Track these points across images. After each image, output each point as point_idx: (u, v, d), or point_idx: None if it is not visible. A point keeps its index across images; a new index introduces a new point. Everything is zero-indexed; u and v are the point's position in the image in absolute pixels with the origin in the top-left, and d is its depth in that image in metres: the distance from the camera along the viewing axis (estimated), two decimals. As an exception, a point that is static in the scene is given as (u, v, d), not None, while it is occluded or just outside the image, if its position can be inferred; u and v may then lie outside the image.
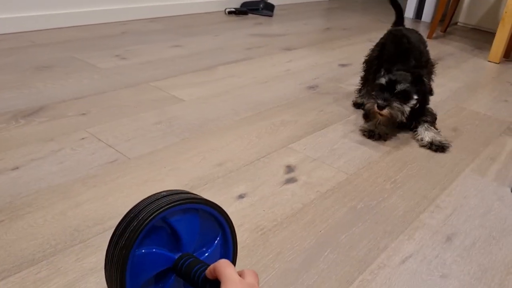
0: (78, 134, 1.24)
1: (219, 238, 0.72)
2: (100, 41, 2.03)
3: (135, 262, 0.62)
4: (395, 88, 1.32)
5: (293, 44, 2.36)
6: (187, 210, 0.68)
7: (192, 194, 0.69)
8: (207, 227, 0.71)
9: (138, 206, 0.65)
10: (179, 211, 0.66)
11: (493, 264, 0.93)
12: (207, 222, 0.70)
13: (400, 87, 1.32)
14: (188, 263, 0.65)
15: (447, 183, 1.20)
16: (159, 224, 0.64)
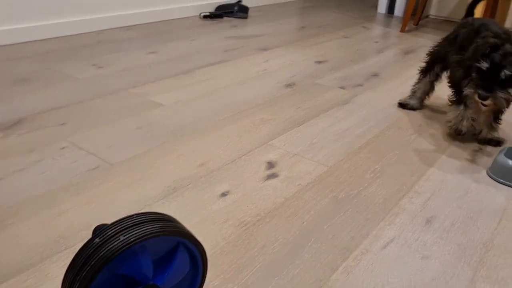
0: (59, 143, 1.24)
1: (189, 268, 0.70)
2: (76, 52, 2.03)
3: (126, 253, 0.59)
4: (499, 74, 1.17)
5: (269, 44, 2.38)
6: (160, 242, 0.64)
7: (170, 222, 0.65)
8: (179, 260, 0.67)
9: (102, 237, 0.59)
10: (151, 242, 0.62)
11: (472, 243, 0.96)
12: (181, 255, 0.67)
13: (505, 73, 1.17)
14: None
15: (424, 169, 1.24)
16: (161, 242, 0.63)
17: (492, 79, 1.20)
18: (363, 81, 1.90)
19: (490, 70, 1.20)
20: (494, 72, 1.19)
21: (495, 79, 1.19)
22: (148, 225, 0.61)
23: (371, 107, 1.63)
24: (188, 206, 1.01)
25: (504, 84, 1.19)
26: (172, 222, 0.66)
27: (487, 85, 1.20)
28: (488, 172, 1.24)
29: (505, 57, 1.18)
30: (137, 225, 0.61)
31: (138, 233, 0.60)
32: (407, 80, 1.96)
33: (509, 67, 1.17)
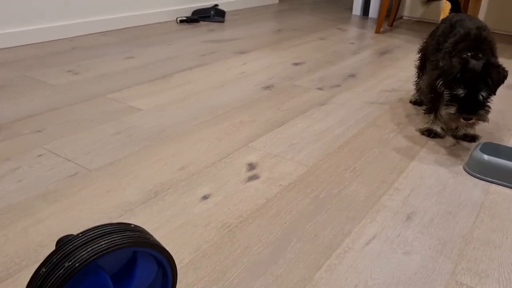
0: (35, 151, 1.22)
1: (155, 275, 0.68)
2: (51, 58, 2.00)
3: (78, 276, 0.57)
4: (477, 98, 1.24)
5: (246, 47, 2.39)
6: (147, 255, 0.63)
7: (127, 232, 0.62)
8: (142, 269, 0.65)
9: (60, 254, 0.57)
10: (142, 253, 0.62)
11: (452, 237, 0.97)
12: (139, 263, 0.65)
13: (483, 95, 1.24)
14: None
15: (403, 166, 1.25)
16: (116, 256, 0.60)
17: (471, 100, 1.24)
18: (340, 82, 1.92)
19: (468, 95, 1.24)
20: (471, 95, 1.24)
21: (474, 101, 1.24)
22: (97, 242, 0.58)
23: (349, 107, 1.65)
24: (170, 210, 1.01)
25: (483, 103, 1.25)
26: (128, 232, 0.62)
27: (468, 107, 1.24)
28: (464, 167, 1.26)
29: (476, 80, 1.23)
30: (86, 244, 0.58)
31: (84, 255, 0.57)
32: (383, 80, 1.98)
33: (485, 90, 1.23)
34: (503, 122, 1.60)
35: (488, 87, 1.23)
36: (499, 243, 0.97)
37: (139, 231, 0.64)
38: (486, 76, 1.23)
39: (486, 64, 1.23)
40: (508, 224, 1.03)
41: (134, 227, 0.64)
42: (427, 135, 1.46)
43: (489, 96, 1.25)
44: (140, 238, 0.62)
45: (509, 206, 1.10)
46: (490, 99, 1.26)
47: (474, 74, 1.23)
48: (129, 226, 0.63)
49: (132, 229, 0.63)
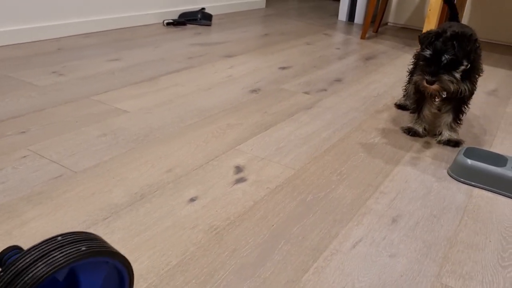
0: (19, 152, 1.20)
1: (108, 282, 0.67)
2: (35, 59, 1.98)
3: None
4: (441, 60, 1.27)
5: (233, 51, 2.39)
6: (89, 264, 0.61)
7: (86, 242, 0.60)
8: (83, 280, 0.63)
9: None
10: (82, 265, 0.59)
11: (437, 240, 0.99)
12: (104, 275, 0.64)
13: (446, 57, 1.26)
14: None
15: (389, 170, 1.27)
16: None
17: (437, 64, 1.29)
18: (326, 86, 1.94)
19: (433, 57, 1.29)
20: (437, 58, 1.28)
21: (439, 64, 1.28)
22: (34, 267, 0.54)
23: (336, 111, 1.66)
24: (157, 212, 1.00)
25: (448, 67, 1.28)
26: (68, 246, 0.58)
27: (432, 70, 1.28)
28: (448, 171, 1.28)
29: (445, 43, 1.27)
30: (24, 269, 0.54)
31: None
32: (369, 85, 2.00)
33: (449, 51, 1.26)
34: (486, 127, 1.63)
35: (454, 51, 1.26)
36: (483, 246, 0.98)
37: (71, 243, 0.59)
38: (453, 39, 1.27)
39: (456, 31, 1.28)
40: (490, 227, 1.05)
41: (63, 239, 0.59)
42: (407, 133, 1.50)
43: (455, 63, 1.28)
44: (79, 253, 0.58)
45: (492, 210, 1.12)
46: (458, 70, 1.29)
47: (443, 39, 1.27)
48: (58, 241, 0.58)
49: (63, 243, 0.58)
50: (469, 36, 1.29)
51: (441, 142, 1.46)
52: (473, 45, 1.29)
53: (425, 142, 1.46)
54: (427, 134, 1.50)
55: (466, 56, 1.29)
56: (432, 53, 1.29)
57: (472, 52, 1.30)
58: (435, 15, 2.33)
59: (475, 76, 1.38)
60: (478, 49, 1.36)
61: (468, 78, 1.35)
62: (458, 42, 1.27)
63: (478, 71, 1.40)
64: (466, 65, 1.30)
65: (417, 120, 1.49)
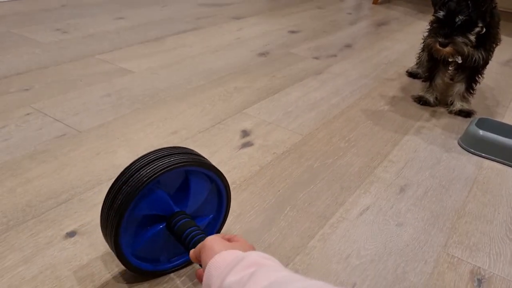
0: (23, 110, 1.18)
1: (216, 206, 0.78)
2: (39, 15, 1.93)
3: (141, 195, 0.65)
4: (455, 21, 1.21)
5: (242, 12, 2.33)
6: (199, 173, 0.71)
7: (203, 158, 0.73)
8: (209, 194, 0.75)
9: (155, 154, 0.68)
10: (194, 171, 0.70)
11: (444, 211, 0.97)
12: (209, 189, 0.75)
13: (460, 18, 1.21)
14: (183, 222, 0.68)
15: (398, 139, 1.24)
16: (173, 175, 0.69)
17: (450, 26, 1.23)
18: (336, 52, 1.89)
19: (446, 18, 1.23)
20: (450, 19, 1.22)
21: (453, 26, 1.23)
22: (158, 163, 0.67)
23: (345, 78, 1.62)
24: (161, 174, 0.98)
25: (462, 29, 1.23)
26: (182, 155, 0.70)
27: (445, 32, 1.23)
28: (459, 141, 1.26)
29: (459, 3, 1.21)
30: (151, 163, 0.67)
31: (148, 173, 0.65)
32: (380, 51, 1.95)
33: (463, 12, 1.20)
34: (499, 98, 1.59)
35: (468, 11, 1.21)
36: (491, 218, 0.97)
37: (194, 154, 0.73)
38: (468, 0, 1.21)
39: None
40: (499, 199, 1.03)
41: (188, 150, 0.73)
42: (418, 101, 1.47)
43: (470, 24, 1.22)
44: (193, 159, 0.70)
45: (502, 182, 1.10)
46: (473, 32, 1.23)
47: (458, 0, 1.21)
48: (185, 149, 0.72)
49: (187, 151, 0.72)
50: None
51: (452, 112, 1.42)
52: (489, 6, 1.23)
53: (436, 112, 1.43)
54: (438, 103, 1.46)
55: (480, 17, 1.22)
56: (446, 14, 1.23)
57: (488, 14, 1.24)
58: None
59: (491, 44, 1.33)
60: (496, 14, 1.31)
61: (483, 46, 1.30)
62: (472, 2, 1.21)
63: (495, 40, 1.35)
64: (481, 27, 1.24)
65: (429, 88, 1.45)
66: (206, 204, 0.76)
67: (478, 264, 0.84)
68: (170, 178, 0.70)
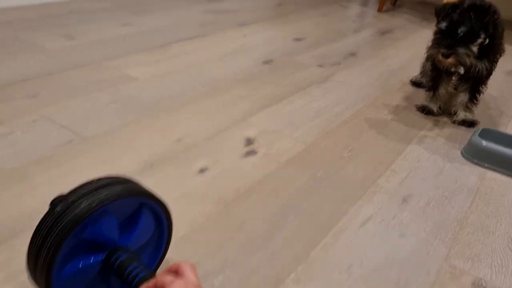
0: (29, 116, 1.19)
1: (154, 231, 0.71)
2: (46, 21, 1.95)
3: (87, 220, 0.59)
4: (457, 32, 1.23)
5: (246, 20, 2.34)
6: (124, 204, 0.65)
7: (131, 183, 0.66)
8: (144, 220, 0.68)
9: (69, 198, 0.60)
10: (115, 204, 0.63)
11: (447, 221, 0.98)
12: (145, 215, 0.68)
13: (462, 29, 1.22)
14: (122, 259, 0.62)
15: (401, 149, 1.25)
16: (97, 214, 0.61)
17: (452, 37, 1.24)
18: (340, 60, 1.90)
19: (449, 29, 1.25)
20: (453, 31, 1.24)
21: (455, 37, 1.24)
22: (108, 188, 0.62)
23: (349, 86, 1.63)
24: (166, 181, 0.99)
25: (464, 40, 1.24)
26: (133, 183, 0.66)
27: (448, 43, 1.25)
28: (462, 152, 1.26)
29: (461, 15, 1.22)
30: (97, 189, 0.61)
31: (100, 197, 0.60)
32: (384, 60, 1.96)
33: (466, 23, 1.21)
34: (503, 108, 1.60)
35: (470, 23, 1.22)
36: (493, 229, 0.97)
37: (143, 187, 0.68)
38: (470, 11, 1.22)
39: (474, 2, 1.23)
40: (502, 211, 1.04)
41: (138, 182, 0.68)
42: (421, 111, 1.47)
43: (472, 35, 1.23)
44: (147, 191, 0.66)
45: (504, 193, 1.11)
46: (475, 42, 1.24)
47: (460, 10, 1.23)
48: (135, 181, 0.68)
49: (138, 183, 0.67)
50: (487, 8, 1.24)
51: (456, 122, 1.43)
52: (492, 17, 1.23)
53: (439, 121, 1.44)
54: (441, 113, 1.47)
55: (483, 28, 1.23)
56: (448, 25, 1.24)
57: (490, 25, 1.24)
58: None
59: (494, 54, 1.34)
60: (499, 24, 1.31)
61: (486, 57, 1.31)
62: (475, 13, 1.22)
63: (499, 50, 1.35)
64: (483, 38, 1.25)
65: (432, 98, 1.46)
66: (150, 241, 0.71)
67: (480, 276, 0.84)
68: (122, 207, 0.65)
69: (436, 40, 1.30)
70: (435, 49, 1.28)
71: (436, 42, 1.29)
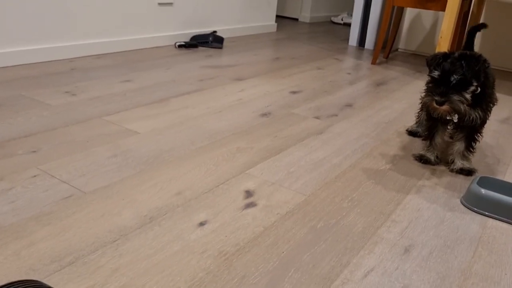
0: (30, 171, 1.20)
1: None
2: (49, 78, 2.00)
3: None
4: (450, 80, 1.27)
5: (244, 74, 2.40)
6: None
7: None
8: None
9: None
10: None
11: (450, 272, 0.96)
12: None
13: (455, 77, 1.26)
14: None
15: (401, 198, 1.25)
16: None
17: (446, 85, 1.28)
18: (337, 111, 1.93)
19: (442, 77, 1.29)
20: (446, 79, 1.28)
21: (448, 85, 1.28)
22: None
23: (346, 137, 1.65)
24: (166, 236, 0.99)
25: (457, 88, 1.28)
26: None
27: (441, 91, 1.28)
28: (462, 200, 1.26)
29: (453, 64, 1.27)
30: None
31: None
32: (380, 111, 2.00)
33: (458, 71, 1.26)
34: (500, 156, 1.61)
35: (462, 71, 1.25)
36: (498, 279, 0.96)
37: None
38: (461, 60, 1.27)
39: (464, 52, 1.28)
40: (506, 260, 1.02)
41: None
42: (419, 160, 1.49)
43: (465, 83, 1.27)
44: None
45: (507, 241, 1.10)
46: (468, 90, 1.27)
47: (451, 59, 1.27)
48: None
49: None
50: (477, 57, 1.29)
51: (453, 170, 1.44)
52: (482, 65, 1.28)
53: (437, 170, 1.45)
54: (439, 162, 1.48)
55: (475, 76, 1.27)
56: (441, 73, 1.28)
57: (482, 73, 1.28)
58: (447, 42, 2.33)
59: (487, 103, 1.37)
60: (490, 74, 1.35)
61: (479, 105, 1.34)
62: (466, 62, 1.27)
63: (491, 99, 1.38)
64: (475, 85, 1.28)
65: (429, 147, 1.47)
66: None
67: (488, 328, 0.82)
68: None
69: (429, 88, 1.33)
70: (429, 97, 1.31)
71: (430, 90, 1.32)
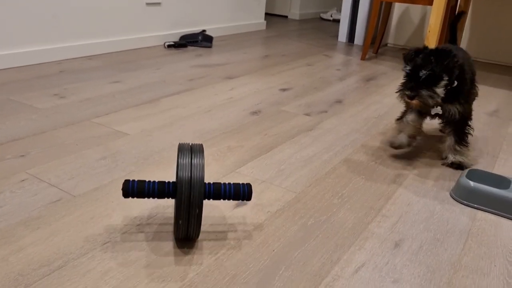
0: (18, 176, 1.19)
1: None
2: (37, 81, 1.98)
3: None
4: (419, 75, 1.30)
5: (234, 72, 2.40)
6: None
7: None
8: None
9: None
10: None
11: (440, 265, 0.97)
12: None
13: (423, 72, 1.29)
14: None
15: (391, 193, 1.25)
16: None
17: (416, 80, 1.31)
18: (327, 108, 1.94)
19: (412, 72, 1.32)
20: (416, 74, 1.30)
21: (417, 80, 1.30)
22: None
23: (336, 133, 1.66)
24: (156, 237, 0.99)
25: (427, 83, 1.30)
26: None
27: (412, 86, 1.31)
28: (451, 193, 1.27)
29: (423, 59, 1.29)
30: None
31: None
32: (369, 106, 2.00)
33: (427, 67, 1.28)
34: (488, 149, 1.62)
35: (431, 66, 1.28)
36: (487, 271, 0.96)
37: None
38: (431, 55, 1.29)
39: (436, 48, 1.31)
40: (495, 251, 1.03)
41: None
42: (391, 146, 1.49)
43: (435, 78, 1.29)
44: None
45: (496, 233, 1.10)
46: (439, 85, 1.29)
47: (423, 55, 1.30)
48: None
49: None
50: (447, 52, 1.30)
51: (445, 164, 1.45)
52: (452, 60, 1.30)
53: (426, 164, 1.45)
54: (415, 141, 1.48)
55: (445, 70, 1.29)
56: (412, 68, 1.31)
57: (455, 68, 1.30)
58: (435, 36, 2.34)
59: (465, 97, 1.37)
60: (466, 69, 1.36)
61: (457, 100, 1.35)
62: (436, 57, 1.29)
63: (470, 93, 1.39)
64: (447, 80, 1.30)
65: (400, 125, 1.47)
66: None
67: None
68: None
69: (402, 83, 1.36)
70: (401, 92, 1.35)
71: (403, 84, 1.36)
